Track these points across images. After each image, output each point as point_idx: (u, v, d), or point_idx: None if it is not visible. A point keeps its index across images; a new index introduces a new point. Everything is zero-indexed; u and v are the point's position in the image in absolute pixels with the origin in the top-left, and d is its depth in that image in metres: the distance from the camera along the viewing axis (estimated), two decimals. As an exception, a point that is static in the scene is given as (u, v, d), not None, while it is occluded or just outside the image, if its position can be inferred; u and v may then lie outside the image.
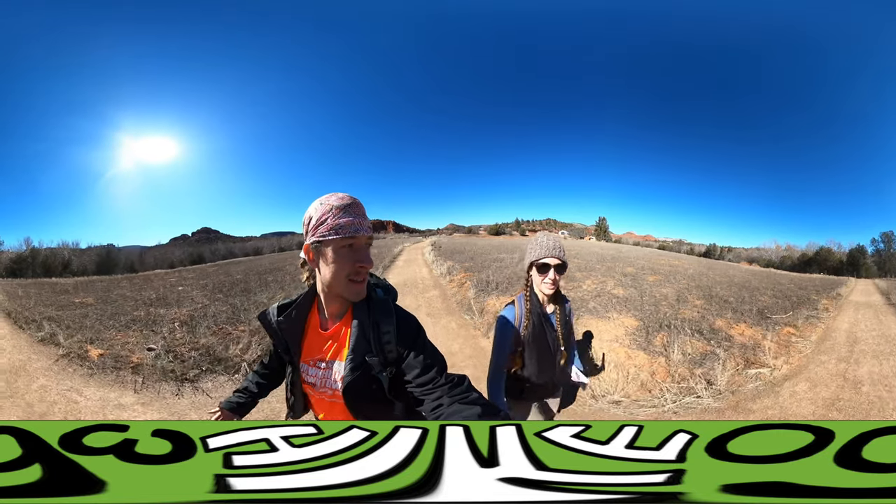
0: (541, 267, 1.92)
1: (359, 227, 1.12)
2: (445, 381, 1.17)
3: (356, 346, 1.18)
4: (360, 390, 1.20)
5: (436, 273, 8.65)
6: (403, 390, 1.23)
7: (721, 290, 9.69)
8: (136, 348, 5.62)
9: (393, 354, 1.20)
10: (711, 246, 20.18)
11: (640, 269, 12.08)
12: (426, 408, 1.16)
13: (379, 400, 1.22)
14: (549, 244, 1.93)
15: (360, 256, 1.14)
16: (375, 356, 1.19)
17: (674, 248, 21.29)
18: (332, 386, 1.24)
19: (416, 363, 1.18)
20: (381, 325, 1.19)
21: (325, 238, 1.12)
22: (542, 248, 1.92)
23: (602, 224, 23.90)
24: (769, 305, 8.51)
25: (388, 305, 1.23)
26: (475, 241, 23.69)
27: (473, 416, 1.03)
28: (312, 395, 1.31)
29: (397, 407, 1.24)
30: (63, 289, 10.70)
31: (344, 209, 1.12)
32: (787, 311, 8.05)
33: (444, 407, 1.11)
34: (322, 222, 1.12)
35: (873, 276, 17.08)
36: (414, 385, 1.19)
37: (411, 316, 1.26)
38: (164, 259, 16.25)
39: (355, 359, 1.18)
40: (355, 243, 1.13)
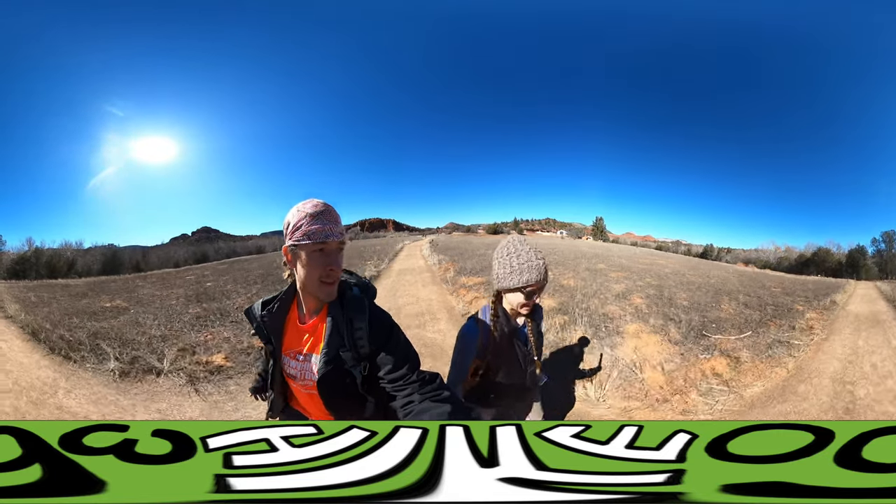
0: (526, 293, 1.59)
1: (329, 233, 1.19)
2: (417, 379, 1.22)
3: (330, 341, 1.25)
4: (334, 383, 1.27)
5: (429, 262, 12.14)
6: (377, 386, 1.28)
7: (679, 292, 8.29)
8: (228, 347, 5.02)
9: (365, 350, 1.25)
10: (708, 246, 20.11)
11: (612, 265, 11.77)
12: (397, 404, 1.21)
13: (352, 394, 1.28)
14: (532, 266, 1.56)
15: (330, 260, 1.21)
16: (349, 350, 1.25)
17: (671, 249, 21.25)
18: (310, 378, 1.30)
19: (388, 359, 1.24)
20: (355, 321, 1.26)
21: (299, 242, 1.19)
22: (524, 273, 1.55)
23: (599, 224, 23.89)
24: (729, 317, 6.43)
25: (362, 303, 1.28)
26: (470, 240, 24.05)
27: (444, 416, 1.06)
28: (293, 386, 1.38)
29: (369, 402, 1.30)
30: (78, 291, 9.99)
31: (316, 216, 1.19)
32: (748, 327, 5.76)
33: (415, 404, 1.15)
34: (297, 228, 1.19)
35: (874, 277, 16.43)
36: (386, 381, 1.24)
37: (385, 314, 1.32)
38: (167, 258, 16.24)
39: (329, 353, 1.25)
40: (326, 248, 1.20)
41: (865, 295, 10.48)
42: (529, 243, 1.66)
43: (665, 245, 21.71)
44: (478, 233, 28.54)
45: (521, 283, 1.57)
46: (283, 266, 1.33)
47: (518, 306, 1.63)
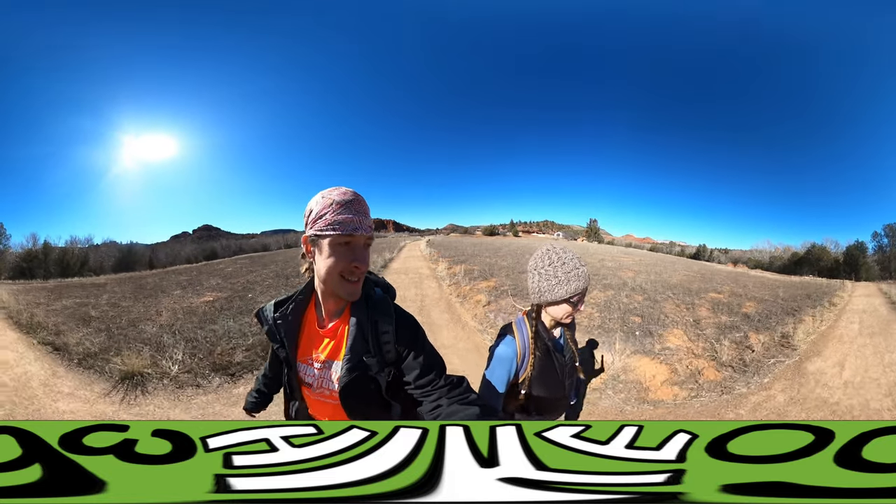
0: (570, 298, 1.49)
1: (358, 225, 1.08)
2: (445, 383, 1.16)
3: (354, 346, 1.15)
4: (357, 391, 1.17)
5: (424, 253, 17.85)
6: (400, 391, 1.21)
7: (622, 293, 9.24)
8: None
9: (391, 355, 1.17)
10: (701, 247, 20.05)
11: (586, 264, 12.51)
12: (424, 409, 1.14)
13: (376, 402, 1.20)
14: (580, 273, 1.48)
15: (356, 256, 1.10)
16: (373, 356, 1.16)
17: (664, 250, 21.28)
18: (328, 386, 1.21)
19: (416, 364, 1.16)
20: (380, 324, 1.16)
21: (322, 233, 1.08)
22: (571, 282, 1.47)
23: (593, 226, 23.97)
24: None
25: (388, 304, 1.20)
26: (465, 240, 24.96)
27: (472, 417, 1.02)
28: (309, 396, 1.28)
29: (394, 409, 1.23)
30: (114, 294, 9.64)
31: (344, 205, 1.07)
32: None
33: (443, 408, 1.10)
34: (321, 216, 1.08)
35: (874, 277, 14.73)
36: (413, 387, 1.17)
37: (410, 316, 1.24)
38: (174, 256, 16.22)
39: (352, 359, 1.15)
40: (352, 242, 1.09)
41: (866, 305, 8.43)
42: (570, 250, 1.57)
43: (658, 246, 21.75)
44: (475, 234, 28.75)
45: (570, 293, 1.48)
46: (300, 259, 1.22)
47: (564, 317, 1.55)
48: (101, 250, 15.19)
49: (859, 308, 8.81)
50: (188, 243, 18.53)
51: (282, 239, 21.94)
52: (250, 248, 19.96)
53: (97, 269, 13.80)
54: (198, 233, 21.62)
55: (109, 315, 7.61)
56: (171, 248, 17.18)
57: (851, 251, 15.99)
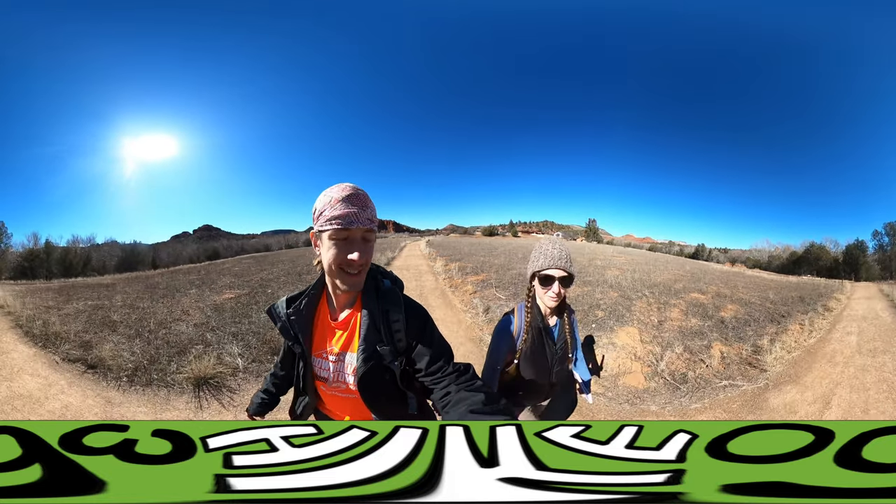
0: (544, 279, 1.74)
1: (354, 218, 1.10)
2: (453, 370, 1.19)
3: (367, 336, 1.18)
4: (373, 382, 1.20)
5: (423, 252, 19.14)
6: (413, 381, 1.24)
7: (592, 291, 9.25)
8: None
9: (403, 344, 1.21)
10: (699, 247, 20.02)
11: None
12: (435, 396, 1.17)
13: (392, 393, 1.23)
14: (555, 253, 1.73)
15: (354, 248, 1.12)
16: (386, 346, 1.19)
17: (663, 250, 21.29)
18: (344, 380, 1.24)
19: (426, 352, 1.20)
20: (391, 314, 1.20)
21: (322, 228, 1.12)
22: (545, 258, 1.73)
23: (591, 226, 24.03)
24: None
25: (397, 295, 1.23)
26: (464, 240, 25.57)
27: (479, 404, 1.04)
28: (325, 392, 1.30)
29: (410, 398, 1.26)
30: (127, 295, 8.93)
31: (343, 200, 1.10)
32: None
33: (453, 394, 1.13)
34: (322, 212, 1.12)
35: (875, 277, 14.45)
36: (424, 374, 1.20)
37: (419, 305, 1.27)
38: (177, 255, 16.24)
39: (367, 349, 1.18)
40: (350, 235, 1.12)
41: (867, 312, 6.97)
42: (559, 241, 1.87)
43: (657, 246, 21.75)
44: (475, 234, 28.88)
45: (536, 268, 1.76)
46: (313, 253, 1.25)
47: (543, 295, 1.77)
48: (103, 250, 15.18)
49: (858, 314, 7.39)
50: (189, 243, 18.56)
51: (283, 239, 22.00)
52: (252, 248, 20.07)
53: (100, 268, 13.80)
54: (198, 233, 21.64)
55: (133, 318, 6.93)
56: (172, 247, 17.19)
57: (851, 250, 15.70)
